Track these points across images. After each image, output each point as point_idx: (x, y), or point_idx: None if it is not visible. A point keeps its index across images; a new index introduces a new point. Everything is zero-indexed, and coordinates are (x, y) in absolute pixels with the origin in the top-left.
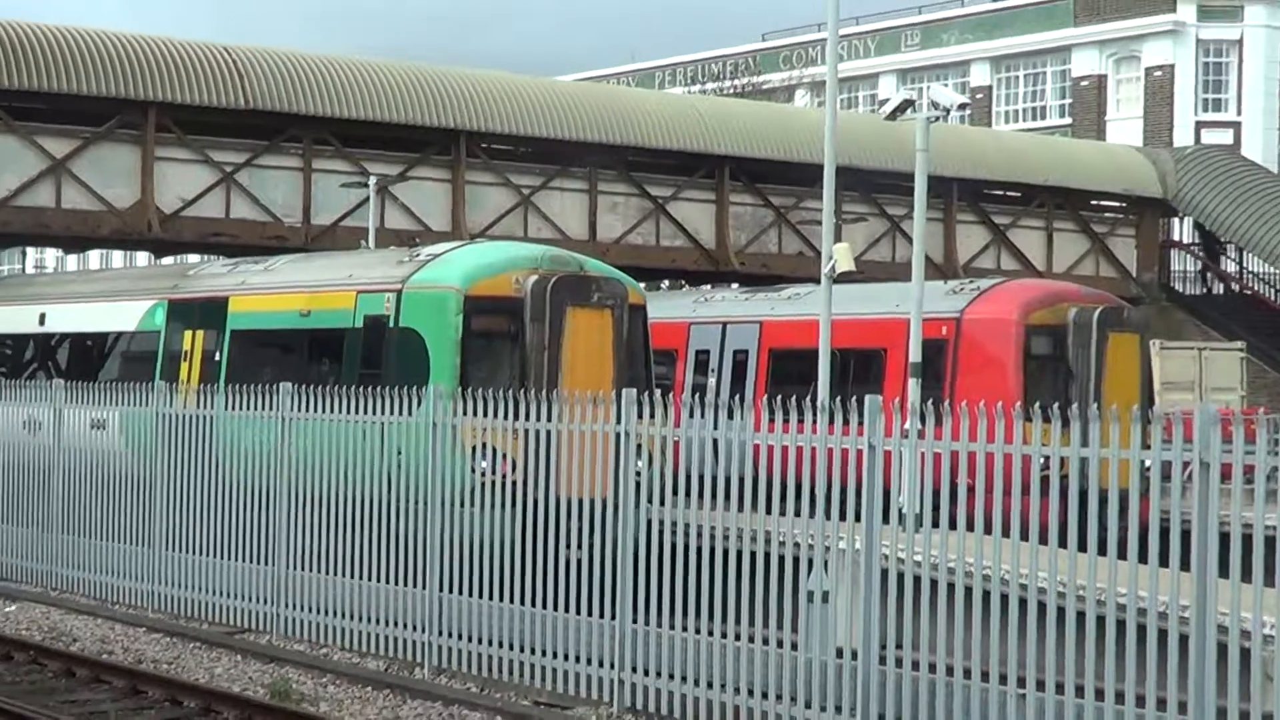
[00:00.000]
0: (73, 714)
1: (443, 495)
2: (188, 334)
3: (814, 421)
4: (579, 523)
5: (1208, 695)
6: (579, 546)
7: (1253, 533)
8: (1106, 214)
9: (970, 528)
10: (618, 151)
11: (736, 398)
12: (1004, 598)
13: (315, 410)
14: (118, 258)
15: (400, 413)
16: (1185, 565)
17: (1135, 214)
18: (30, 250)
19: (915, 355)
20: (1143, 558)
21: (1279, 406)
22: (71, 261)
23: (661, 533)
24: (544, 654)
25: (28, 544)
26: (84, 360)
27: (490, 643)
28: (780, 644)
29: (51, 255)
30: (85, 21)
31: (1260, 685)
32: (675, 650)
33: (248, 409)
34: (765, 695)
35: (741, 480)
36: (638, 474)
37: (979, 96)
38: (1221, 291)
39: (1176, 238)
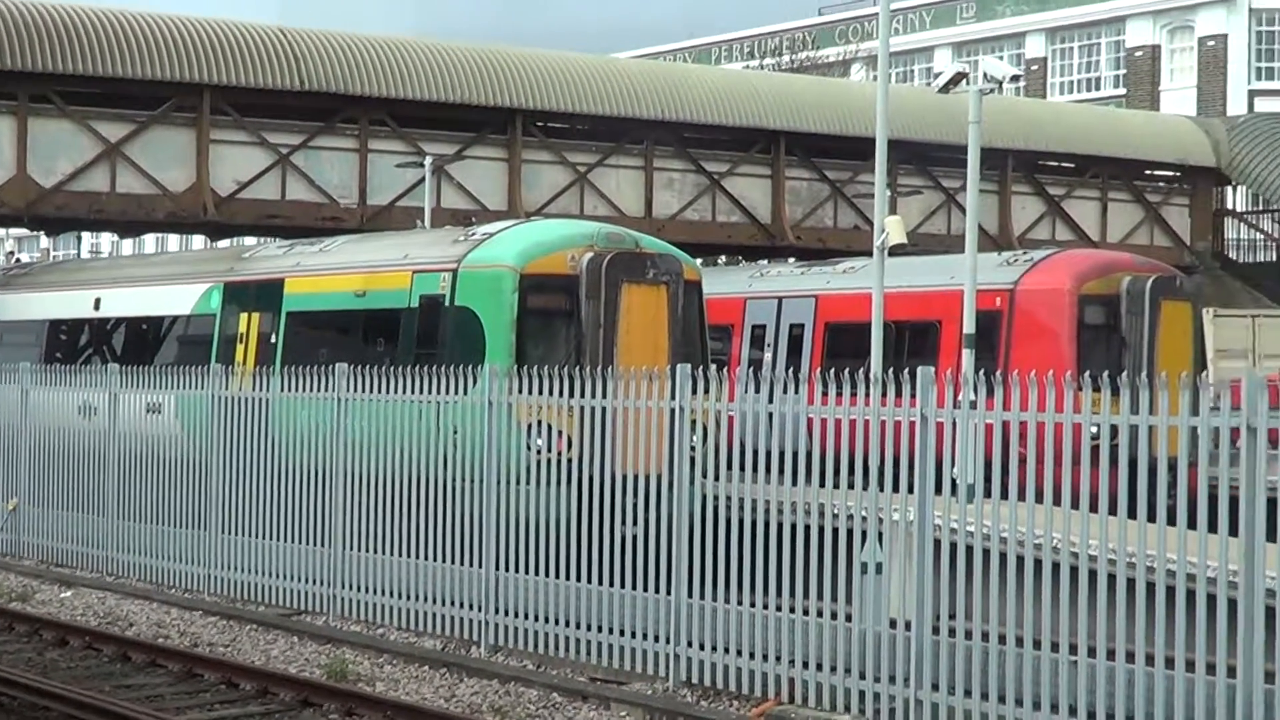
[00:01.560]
0: (129, 698)
1: (499, 473)
2: (243, 316)
3: (867, 394)
4: (634, 499)
5: (1256, 659)
6: (634, 523)
7: None
8: (1160, 184)
9: (1022, 498)
10: (673, 128)
11: (792, 372)
12: (1055, 566)
13: (371, 391)
14: (173, 241)
15: (456, 392)
16: (1234, 531)
17: (1189, 183)
18: (85, 235)
19: (969, 327)
20: (1192, 524)
21: None
22: (127, 246)
23: (716, 508)
24: (600, 630)
25: (84, 529)
26: (139, 344)
27: (546, 620)
28: (835, 616)
29: (107, 239)
30: (139, 6)
31: None
32: (731, 624)
33: (304, 390)
34: (820, 667)
35: (796, 454)
36: (692, 449)
37: (1034, 68)
38: (1275, 258)
39: (1230, 206)
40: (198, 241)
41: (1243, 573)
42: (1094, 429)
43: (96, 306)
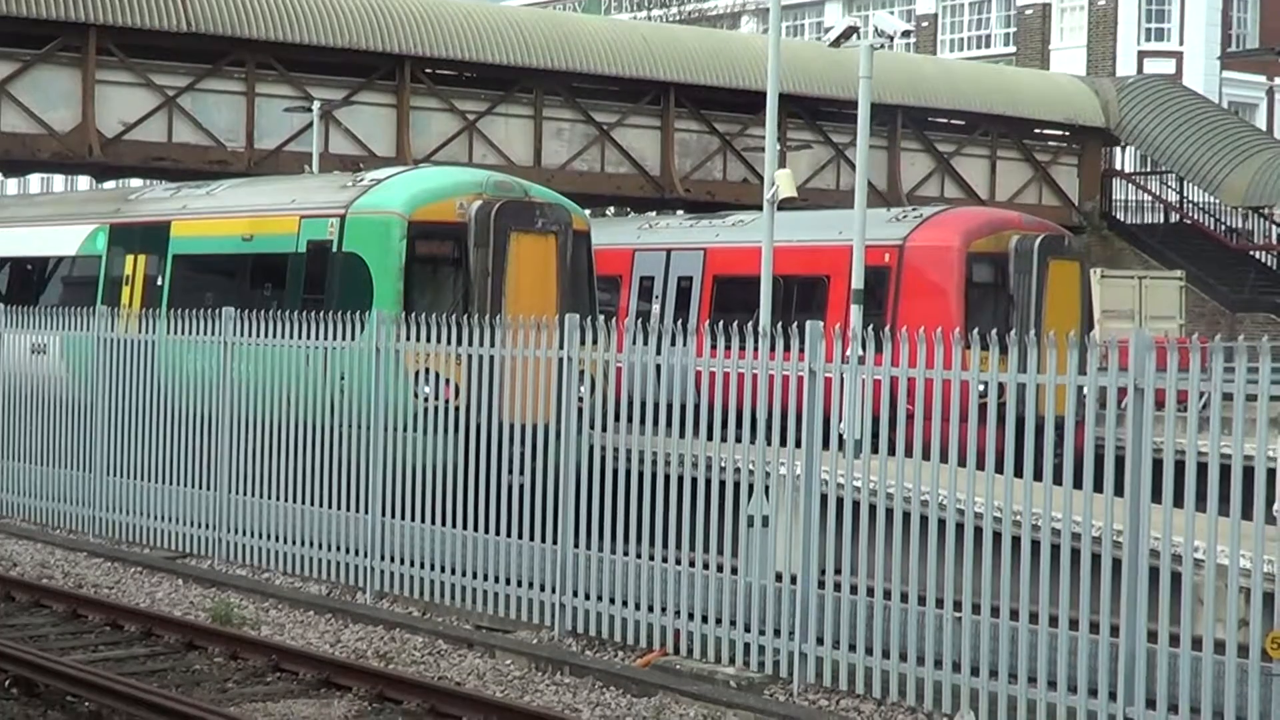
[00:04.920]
0: (12, 638)
1: (385, 420)
2: (129, 258)
3: (755, 347)
4: (522, 448)
5: (1139, 619)
6: (521, 472)
7: (1185, 459)
8: (1049, 143)
9: (910, 453)
10: (563, 77)
11: (680, 324)
12: (942, 523)
13: (258, 335)
14: (58, 182)
15: (343, 338)
16: (1119, 491)
17: (1078, 143)
18: None
19: (858, 282)
20: (1078, 483)
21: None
22: (11, 185)
23: (604, 458)
24: (486, 578)
25: None
26: (24, 284)
27: (432, 567)
28: (720, 568)
29: None
30: None
31: (1190, 608)
32: (617, 575)
33: (190, 334)
34: (705, 619)
35: (683, 406)
36: (580, 399)
37: (924, 24)
38: (1162, 220)
39: (1118, 167)
40: (83, 182)
41: (1127, 533)
42: (982, 387)
43: None
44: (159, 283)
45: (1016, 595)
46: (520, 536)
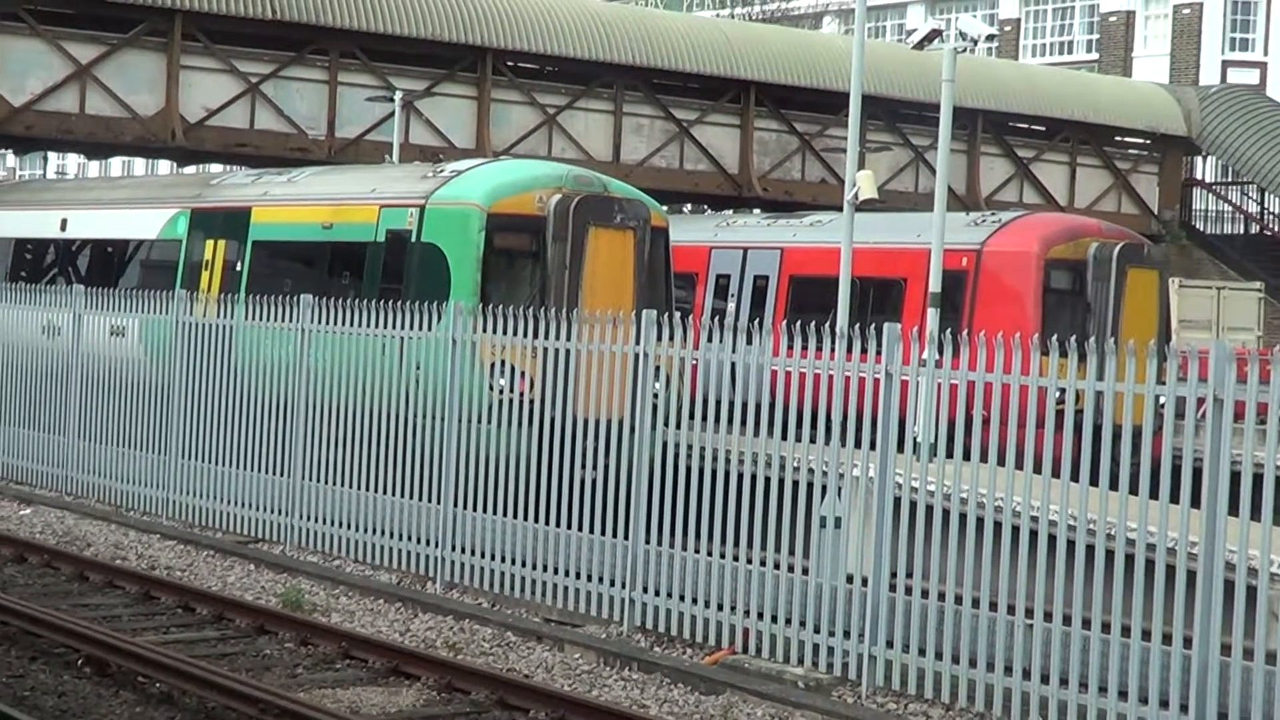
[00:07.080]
0: (85, 617)
1: (460, 411)
2: (209, 243)
3: (832, 348)
4: (595, 442)
5: (1213, 631)
6: (594, 466)
7: (1263, 472)
8: (1130, 150)
9: (984, 459)
10: (643, 73)
11: (756, 323)
12: (1014, 529)
13: (335, 323)
14: (140, 166)
15: (420, 328)
16: (1195, 502)
17: (1159, 151)
18: (52, 155)
19: (935, 285)
20: (1154, 494)
21: None
22: (93, 168)
23: (677, 455)
24: (556, 572)
25: (45, 449)
26: (104, 267)
27: (503, 559)
28: (791, 569)
29: (73, 161)
30: None
31: (1265, 623)
32: (687, 572)
33: (268, 320)
34: (775, 619)
35: (758, 405)
36: (655, 396)
37: (1007, 29)
38: (1242, 231)
39: (1199, 176)
40: (164, 167)
41: (1202, 545)
42: (1058, 393)
43: (63, 227)
44: (238, 268)
45: (1089, 604)
46: (591, 531)
